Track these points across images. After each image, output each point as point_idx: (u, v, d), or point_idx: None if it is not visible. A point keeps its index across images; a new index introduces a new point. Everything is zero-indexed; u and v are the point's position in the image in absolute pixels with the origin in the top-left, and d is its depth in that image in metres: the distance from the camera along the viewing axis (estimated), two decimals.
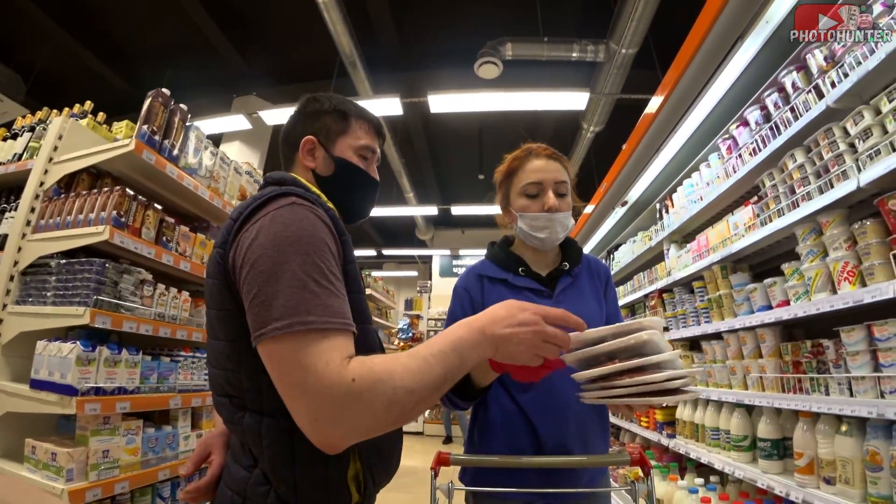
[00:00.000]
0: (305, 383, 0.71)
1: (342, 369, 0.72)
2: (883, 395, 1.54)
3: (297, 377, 0.72)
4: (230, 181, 2.81)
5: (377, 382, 0.72)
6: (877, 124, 1.59)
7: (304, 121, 1.14)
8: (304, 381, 0.71)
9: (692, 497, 2.33)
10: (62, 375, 1.79)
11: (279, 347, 0.74)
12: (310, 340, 0.73)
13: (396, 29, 6.69)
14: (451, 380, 0.79)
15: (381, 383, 0.72)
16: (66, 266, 1.99)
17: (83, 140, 2.33)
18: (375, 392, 0.71)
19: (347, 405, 0.70)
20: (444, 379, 0.78)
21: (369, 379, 0.72)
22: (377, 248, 14.52)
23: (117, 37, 7.09)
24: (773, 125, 2.13)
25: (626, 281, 4.47)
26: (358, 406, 0.71)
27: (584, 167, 8.55)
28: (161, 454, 2.13)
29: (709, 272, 2.66)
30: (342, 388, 0.70)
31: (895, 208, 1.50)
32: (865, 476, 1.57)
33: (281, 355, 0.74)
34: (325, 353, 0.73)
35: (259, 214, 0.86)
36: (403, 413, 0.75)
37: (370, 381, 0.71)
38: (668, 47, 3.08)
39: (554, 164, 1.44)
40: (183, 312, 2.39)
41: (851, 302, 1.61)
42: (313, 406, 0.71)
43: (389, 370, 0.74)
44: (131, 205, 2.09)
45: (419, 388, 0.75)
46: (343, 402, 0.70)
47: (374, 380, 0.72)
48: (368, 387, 0.71)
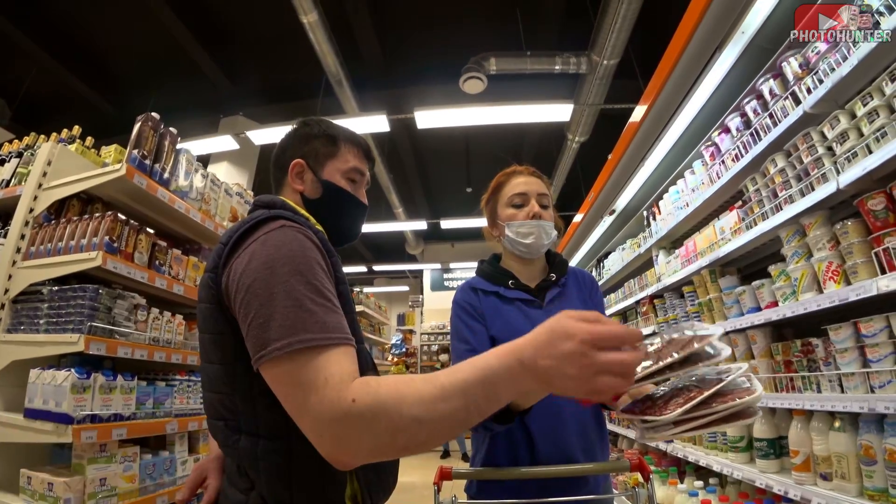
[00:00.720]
0: (307, 402, 0.71)
1: (342, 389, 0.70)
2: (873, 389, 1.57)
3: (300, 397, 0.72)
4: (221, 203, 2.82)
5: (381, 406, 0.68)
6: (853, 128, 1.65)
7: (294, 144, 1.16)
8: (306, 401, 0.71)
9: (693, 500, 2.34)
10: (57, 404, 1.77)
11: (280, 369, 0.74)
12: (309, 359, 0.73)
13: (381, 47, 6.77)
14: (477, 414, 0.69)
15: (384, 407, 0.68)
16: (59, 293, 1.98)
17: (72, 165, 2.33)
18: (378, 416, 0.67)
19: (346, 426, 0.68)
20: (465, 412, 0.68)
21: (371, 401, 0.68)
22: (368, 264, 14.49)
23: (102, 60, 7.09)
24: (753, 131, 2.19)
25: (618, 288, 4.51)
26: (357, 428, 0.68)
27: (570, 177, 8.66)
28: (159, 480, 2.10)
29: (698, 277, 2.70)
30: (341, 408, 0.68)
31: (874, 208, 1.55)
32: (861, 470, 1.59)
33: (282, 377, 0.74)
34: (323, 370, 0.72)
35: (250, 239, 0.87)
36: (414, 442, 0.69)
37: (372, 403, 0.68)
38: (649, 57, 3.16)
39: (536, 179, 1.56)
40: (177, 336, 2.37)
41: (837, 300, 1.65)
42: (316, 425, 0.70)
43: (399, 395, 0.69)
44: (123, 229, 2.09)
45: (430, 419, 0.67)
46: (341, 423, 0.68)
47: (377, 403, 0.68)
48: (369, 409, 0.68)
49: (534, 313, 1.45)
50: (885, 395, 1.50)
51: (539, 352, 0.66)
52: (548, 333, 0.66)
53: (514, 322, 1.43)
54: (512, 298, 1.47)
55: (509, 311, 1.46)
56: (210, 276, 0.90)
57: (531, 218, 1.48)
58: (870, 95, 1.57)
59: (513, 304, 1.46)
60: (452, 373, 0.70)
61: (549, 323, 0.68)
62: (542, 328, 0.68)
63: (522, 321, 1.42)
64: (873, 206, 1.55)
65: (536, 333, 0.68)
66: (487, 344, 1.41)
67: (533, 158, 9.30)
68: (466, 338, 1.43)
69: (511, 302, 1.47)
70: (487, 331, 1.43)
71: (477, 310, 1.47)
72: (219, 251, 0.90)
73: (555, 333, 0.66)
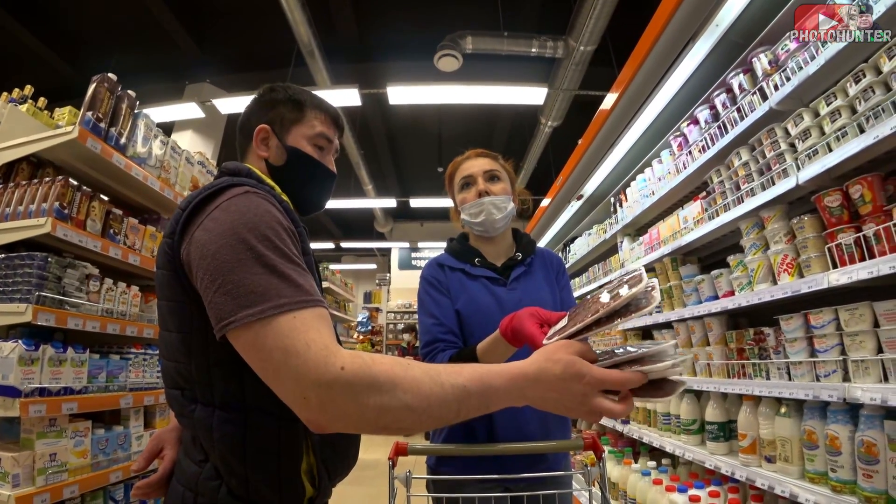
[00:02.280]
0: (287, 365, 0.69)
1: (329, 355, 0.69)
2: (818, 378, 1.65)
3: (278, 360, 0.70)
4: (182, 171, 2.71)
5: (374, 382, 0.68)
6: (815, 126, 1.69)
7: (259, 110, 1.12)
8: (286, 364, 0.69)
9: (645, 479, 2.43)
10: (3, 376, 1.69)
11: (253, 335, 0.72)
12: (285, 322, 0.71)
13: (356, 19, 6.59)
14: (465, 416, 0.72)
15: (377, 384, 0.68)
16: (6, 261, 1.88)
17: (23, 127, 2.20)
18: (369, 391, 0.67)
19: (335, 391, 0.67)
20: (455, 414, 0.71)
21: (364, 375, 0.68)
22: (335, 241, 14.32)
23: (62, 19, 6.64)
24: (720, 124, 2.23)
25: (582, 273, 4.59)
26: (344, 396, 0.67)
27: (541, 161, 8.70)
28: (112, 456, 2.05)
29: (660, 264, 2.77)
30: (329, 373, 0.67)
31: (830, 205, 1.60)
32: (803, 454, 1.68)
33: (256, 342, 0.72)
34: (303, 334, 0.70)
35: (211, 205, 0.84)
36: (396, 425, 0.70)
37: (364, 377, 0.68)
38: (626, 46, 3.16)
39: (482, 159, 1.61)
40: (133, 308, 2.29)
41: (790, 292, 1.72)
42: (299, 388, 0.69)
43: (392, 376, 0.69)
44: (75, 195, 1.99)
45: (421, 410, 0.69)
46: (330, 388, 0.67)
47: (371, 377, 0.68)
48: (361, 382, 0.68)
49: (498, 291, 1.50)
50: (829, 383, 1.58)
51: (548, 386, 0.70)
52: (561, 372, 0.69)
53: (478, 298, 1.48)
54: (477, 276, 1.53)
55: (474, 286, 1.51)
56: (167, 242, 0.87)
57: (478, 196, 1.53)
58: (834, 95, 1.62)
59: (477, 281, 1.52)
60: (455, 374, 0.71)
61: (564, 359, 0.70)
62: (557, 363, 0.70)
63: (487, 297, 1.48)
64: (829, 203, 1.60)
65: (549, 367, 0.70)
66: (453, 317, 1.48)
67: (505, 141, 9.29)
68: (432, 311, 1.48)
69: (476, 279, 1.52)
70: (453, 304, 1.49)
71: (443, 284, 1.53)
72: (177, 216, 0.87)
73: (567, 373, 0.69)
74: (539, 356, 0.72)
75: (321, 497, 0.95)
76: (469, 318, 1.47)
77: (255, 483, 0.84)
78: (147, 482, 0.98)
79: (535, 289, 1.53)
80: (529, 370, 0.71)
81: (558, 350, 0.71)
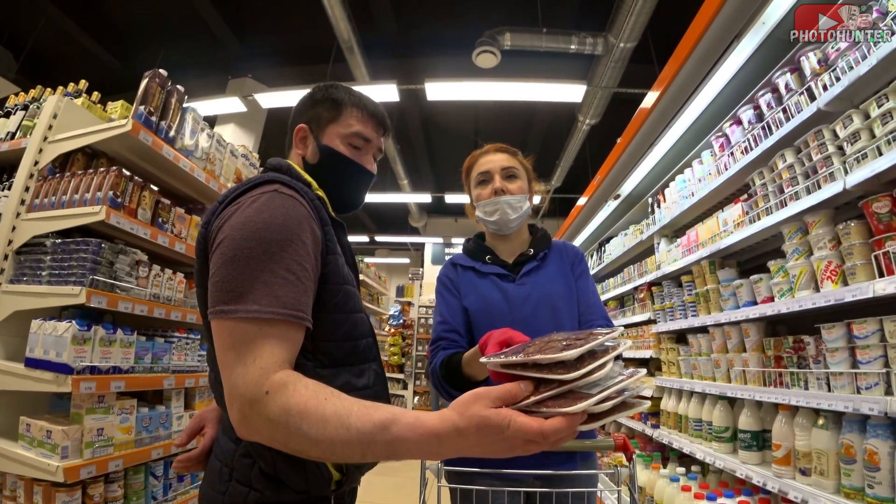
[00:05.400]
0: (233, 369, 0.76)
1: (263, 376, 0.74)
2: (859, 390, 1.59)
3: (229, 361, 0.77)
4: (226, 164, 2.81)
5: (284, 414, 0.71)
6: (865, 128, 1.63)
7: (302, 109, 1.16)
8: (232, 368, 0.76)
9: (674, 485, 2.40)
10: (57, 354, 1.80)
11: (222, 329, 0.79)
12: (247, 330, 0.77)
13: (395, 15, 6.64)
14: (371, 459, 0.72)
15: (286, 417, 0.71)
16: (62, 245, 2.00)
17: (78, 119, 2.31)
18: (279, 421, 0.71)
19: (253, 410, 0.73)
20: (361, 456, 0.70)
21: (278, 406, 0.71)
22: (370, 235, 14.48)
23: (111, 14, 6.95)
24: (765, 125, 2.16)
25: (617, 273, 4.52)
26: (260, 418, 0.72)
27: (578, 160, 8.57)
28: (154, 433, 2.16)
29: (697, 267, 2.71)
30: (253, 393, 0.73)
31: (879, 211, 1.54)
32: (839, 468, 1.63)
33: (222, 336, 0.79)
34: (255, 349, 0.76)
35: (242, 199, 0.89)
36: (304, 454, 0.72)
37: (278, 408, 0.71)
38: (667, 43, 3.10)
39: (500, 154, 1.59)
40: (178, 294, 2.40)
41: (833, 300, 1.66)
42: (230, 393, 0.76)
43: (303, 410, 0.70)
44: (127, 185, 2.09)
45: (325, 446, 0.70)
46: (251, 406, 0.73)
47: (282, 410, 0.71)
48: (273, 411, 0.71)
49: (507, 287, 1.51)
50: (871, 396, 1.52)
51: (468, 442, 0.65)
52: (476, 429, 0.63)
53: (486, 294, 1.51)
54: (487, 273, 1.55)
55: (483, 284, 1.53)
56: (201, 233, 0.93)
57: (494, 194, 1.53)
58: (886, 97, 1.55)
59: (487, 279, 1.54)
60: (365, 419, 0.69)
61: (478, 416, 0.63)
62: (470, 420, 0.64)
63: (495, 294, 1.50)
64: (878, 209, 1.54)
65: (462, 425, 0.64)
66: (459, 316, 1.51)
67: (542, 138, 9.20)
68: (441, 311, 1.54)
69: (486, 276, 1.55)
70: (461, 303, 1.52)
71: (455, 283, 1.57)
72: (213, 208, 0.93)
73: (483, 429, 0.63)
74: (452, 412, 0.66)
75: (349, 482, 0.99)
76: (476, 315, 1.49)
77: (281, 465, 0.88)
78: (187, 456, 1.05)
79: (546, 282, 1.52)
80: (442, 430, 0.66)
81: (474, 403, 0.65)
